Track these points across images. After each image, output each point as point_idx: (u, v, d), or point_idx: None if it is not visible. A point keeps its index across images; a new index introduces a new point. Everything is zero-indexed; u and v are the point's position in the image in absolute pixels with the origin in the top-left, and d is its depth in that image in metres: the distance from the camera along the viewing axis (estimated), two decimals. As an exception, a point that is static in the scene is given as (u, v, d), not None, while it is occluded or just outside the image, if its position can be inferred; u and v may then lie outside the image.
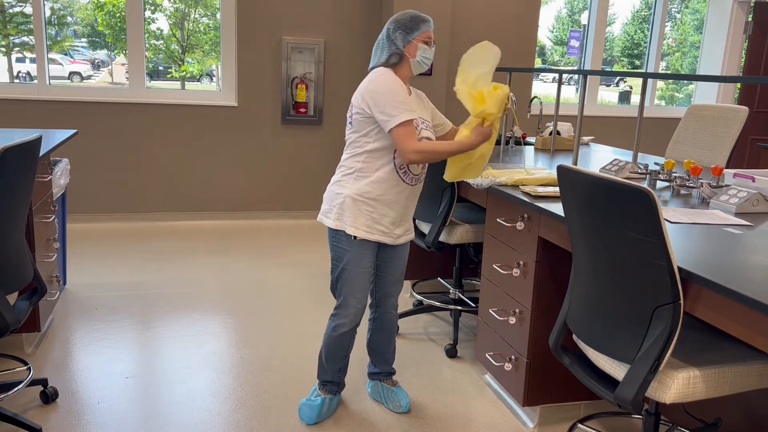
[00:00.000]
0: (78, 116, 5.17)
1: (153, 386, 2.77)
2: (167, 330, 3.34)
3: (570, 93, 9.35)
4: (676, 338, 1.62)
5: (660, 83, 7.61)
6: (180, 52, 6.27)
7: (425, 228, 3.25)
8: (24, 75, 6.00)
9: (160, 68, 6.43)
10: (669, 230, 1.98)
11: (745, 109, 3.48)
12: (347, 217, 2.39)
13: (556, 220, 2.22)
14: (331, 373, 2.60)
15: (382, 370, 2.73)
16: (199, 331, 3.35)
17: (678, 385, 1.67)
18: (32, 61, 5.30)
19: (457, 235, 3.09)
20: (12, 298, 2.31)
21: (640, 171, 2.90)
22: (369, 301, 2.61)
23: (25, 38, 5.44)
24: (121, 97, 5.27)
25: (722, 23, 6.62)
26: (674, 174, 2.78)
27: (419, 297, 3.62)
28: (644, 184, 1.83)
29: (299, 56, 5.49)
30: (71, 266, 4.23)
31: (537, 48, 5.99)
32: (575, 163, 3.20)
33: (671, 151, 3.83)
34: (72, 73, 6.77)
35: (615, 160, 3.02)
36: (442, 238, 3.12)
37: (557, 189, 2.51)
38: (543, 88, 10.70)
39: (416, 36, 2.38)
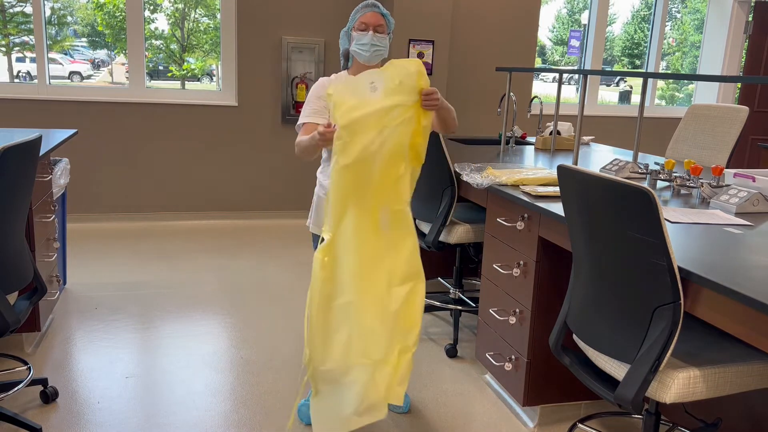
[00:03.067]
0: (78, 116, 5.17)
1: (153, 386, 2.77)
2: (167, 330, 3.34)
3: (570, 93, 9.35)
4: (676, 338, 1.62)
5: (660, 83, 7.61)
6: (180, 51, 6.27)
7: (425, 228, 3.25)
8: (24, 75, 6.00)
9: (160, 68, 6.43)
10: (669, 230, 1.98)
11: (745, 108, 3.48)
12: (314, 216, 2.48)
13: (557, 220, 2.22)
14: None
15: (382, 370, 2.73)
16: (199, 331, 3.35)
17: (678, 385, 1.67)
18: (32, 60, 5.30)
19: (457, 234, 3.09)
20: (12, 297, 2.31)
21: (640, 171, 2.90)
22: None
23: (25, 38, 5.44)
24: (121, 97, 5.27)
25: (722, 23, 6.62)
26: (674, 174, 2.78)
27: (419, 297, 3.62)
28: (644, 184, 1.83)
29: (299, 56, 5.49)
30: (71, 266, 4.23)
31: (537, 48, 5.99)
32: (575, 163, 3.20)
33: (671, 150, 3.82)
34: (72, 73, 6.77)
35: (615, 159, 3.02)
36: (442, 237, 3.12)
37: (557, 189, 2.50)
38: (543, 87, 10.70)
39: (353, 27, 2.40)
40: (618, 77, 12.24)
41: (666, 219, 2.11)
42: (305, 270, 4.37)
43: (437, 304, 3.47)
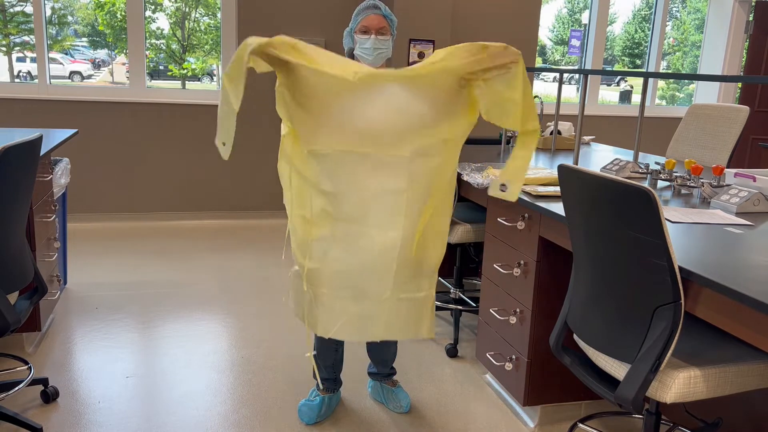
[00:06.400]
0: (78, 116, 5.17)
1: (153, 386, 2.77)
2: (167, 330, 3.34)
3: (571, 92, 9.35)
4: (676, 338, 1.62)
5: (661, 83, 7.61)
6: (180, 51, 6.27)
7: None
8: (25, 74, 6.00)
9: (161, 67, 6.43)
10: (670, 230, 1.98)
11: (746, 108, 3.48)
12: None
13: (557, 220, 2.21)
14: (325, 370, 2.60)
15: (380, 371, 2.73)
16: (199, 331, 3.35)
17: (679, 384, 1.67)
18: (33, 60, 5.30)
19: (458, 234, 3.09)
20: (13, 297, 2.31)
21: (641, 170, 2.90)
22: None
23: (25, 37, 5.45)
24: (121, 97, 5.27)
25: (723, 23, 6.62)
26: (675, 173, 2.78)
27: (420, 297, 3.62)
28: (645, 184, 1.83)
29: (300, 56, 5.48)
30: (72, 266, 4.23)
31: (537, 47, 5.99)
32: (576, 163, 3.20)
33: (672, 150, 3.82)
34: (72, 73, 6.78)
35: (616, 159, 3.02)
36: (442, 237, 3.11)
37: (558, 189, 2.50)
38: (543, 87, 10.70)
39: (356, 28, 2.38)
40: (618, 77, 12.24)
41: (667, 219, 2.11)
42: (305, 270, 4.36)
43: (438, 304, 3.47)
